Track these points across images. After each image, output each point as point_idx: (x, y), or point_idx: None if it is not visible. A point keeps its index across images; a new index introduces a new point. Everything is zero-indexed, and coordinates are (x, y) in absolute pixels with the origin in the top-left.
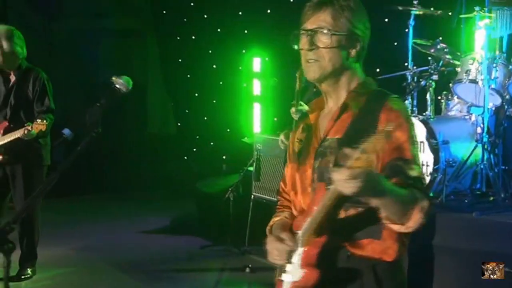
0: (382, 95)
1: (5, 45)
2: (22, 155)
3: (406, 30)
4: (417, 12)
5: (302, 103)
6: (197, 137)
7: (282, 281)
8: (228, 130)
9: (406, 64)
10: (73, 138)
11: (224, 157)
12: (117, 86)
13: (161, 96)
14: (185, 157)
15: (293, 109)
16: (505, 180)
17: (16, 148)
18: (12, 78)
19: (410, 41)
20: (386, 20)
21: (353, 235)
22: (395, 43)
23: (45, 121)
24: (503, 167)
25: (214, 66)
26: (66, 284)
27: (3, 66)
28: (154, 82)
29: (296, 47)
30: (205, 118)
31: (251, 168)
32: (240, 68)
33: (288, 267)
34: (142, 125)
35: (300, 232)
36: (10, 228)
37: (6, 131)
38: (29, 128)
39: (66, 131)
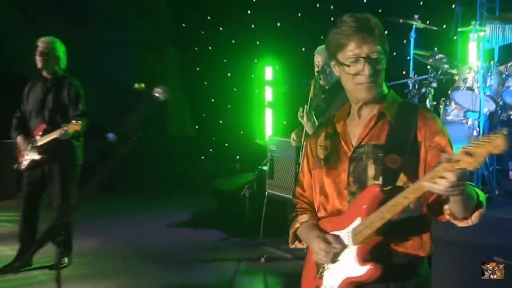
0: (414, 105)
1: (50, 53)
2: (58, 155)
3: (405, 41)
4: (418, 26)
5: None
6: (213, 138)
7: (321, 278)
8: (242, 132)
9: (404, 72)
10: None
11: (237, 157)
12: (156, 94)
13: (180, 102)
14: (202, 157)
15: (300, 113)
16: (499, 179)
17: (53, 148)
18: (49, 84)
19: (412, 51)
20: (386, 32)
21: (397, 232)
22: (394, 53)
23: (80, 122)
24: (497, 167)
25: (229, 74)
26: (99, 271)
27: (44, 70)
28: (173, 88)
29: (348, 70)
30: (220, 121)
31: (264, 168)
32: (252, 76)
33: (332, 266)
34: (162, 129)
35: (350, 231)
36: (60, 223)
37: (45, 133)
38: (66, 128)
39: (110, 135)
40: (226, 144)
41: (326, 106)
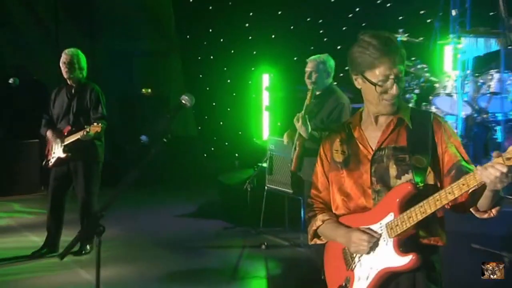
0: (424, 111)
1: (74, 64)
2: (82, 153)
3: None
4: (402, 39)
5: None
6: (214, 138)
7: (353, 270)
8: (240, 132)
9: None
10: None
11: (236, 155)
12: (183, 101)
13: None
14: (205, 155)
15: (296, 118)
16: None
17: (77, 147)
18: (74, 91)
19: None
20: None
21: (425, 224)
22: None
23: (100, 124)
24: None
25: (229, 81)
26: (118, 256)
27: (70, 79)
28: (176, 93)
29: (377, 89)
30: (221, 123)
31: (264, 165)
32: (249, 82)
33: (366, 257)
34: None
35: (384, 224)
36: (100, 214)
37: (69, 134)
38: (88, 130)
39: (143, 137)
40: (226, 143)
41: (317, 110)
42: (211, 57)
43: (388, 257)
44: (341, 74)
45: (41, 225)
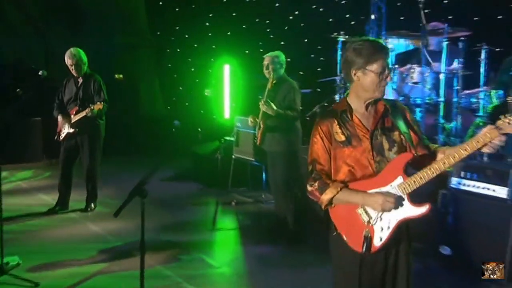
0: (391, 100)
1: (78, 62)
2: (87, 130)
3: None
4: (343, 39)
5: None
6: (181, 116)
7: (373, 224)
8: (202, 111)
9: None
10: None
11: (199, 129)
12: (206, 93)
13: (155, 89)
14: (173, 129)
15: (262, 102)
16: None
17: (84, 125)
18: (80, 80)
19: (339, 57)
20: (320, 46)
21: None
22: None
23: (102, 103)
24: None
25: (192, 69)
26: (113, 210)
27: (75, 73)
28: (149, 80)
29: (374, 77)
30: (186, 103)
31: (231, 138)
32: (210, 70)
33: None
34: (135, 109)
35: (396, 185)
36: (144, 182)
37: (76, 113)
38: (92, 107)
39: (176, 122)
40: (191, 120)
41: (274, 95)
42: (178, 50)
43: (406, 209)
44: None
45: (49, 187)
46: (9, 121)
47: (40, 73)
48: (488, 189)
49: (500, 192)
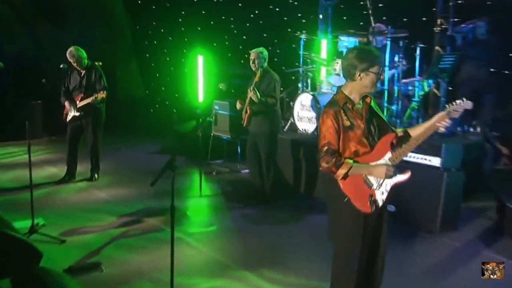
0: (369, 96)
1: (78, 58)
2: (91, 113)
3: (294, 46)
4: (303, 37)
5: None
6: (158, 99)
7: (376, 189)
8: (176, 95)
9: (297, 64)
10: None
11: (174, 110)
12: (220, 87)
13: (135, 75)
14: (151, 110)
15: (250, 89)
16: None
17: (88, 109)
18: (82, 72)
19: (302, 52)
20: (276, 40)
21: None
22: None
23: (105, 92)
24: None
25: (168, 59)
26: (119, 181)
27: (78, 67)
28: (130, 68)
29: (374, 76)
30: (163, 88)
31: (210, 119)
32: (183, 60)
33: (385, 180)
34: (113, 93)
35: (387, 158)
36: (174, 159)
37: (81, 100)
38: (96, 96)
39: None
40: (167, 102)
41: (259, 85)
42: (155, 42)
43: (396, 176)
44: (245, 58)
45: (55, 161)
46: (13, 104)
47: (61, 66)
48: (425, 159)
49: (435, 161)
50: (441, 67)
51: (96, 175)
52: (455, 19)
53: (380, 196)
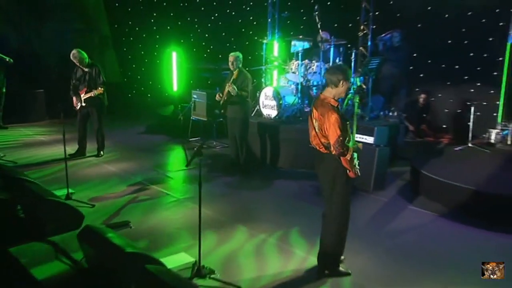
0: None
1: (80, 58)
2: (94, 103)
3: (247, 43)
4: (265, 41)
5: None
6: (135, 85)
7: (356, 162)
8: (150, 82)
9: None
10: None
11: (149, 95)
12: (230, 89)
13: (114, 65)
14: (129, 95)
15: (229, 84)
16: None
17: (91, 100)
18: (85, 69)
19: (264, 54)
20: (233, 38)
21: None
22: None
23: (102, 87)
24: (306, 107)
25: (142, 53)
26: (121, 157)
27: (81, 66)
28: (110, 59)
29: (348, 85)
30: (139, 77)
31: (188, 105)
32: (155, 53)
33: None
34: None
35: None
36: (202, 146)
37: (86, 93)
38: (95, 91)
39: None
40: (142, 88)
41: (235, 81)
42: (131, 38)
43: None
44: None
45: (66, 140)
46: (19, 92)
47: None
48: (364, 138)
49: (369, 140)
50: (369, 68)
51: (102, 152)
52: (373, 26)
53: (357, 166)
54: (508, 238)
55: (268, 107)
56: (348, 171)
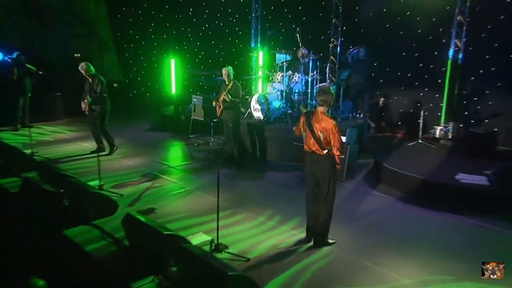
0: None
1: (86, 70)
2: (98, 108)
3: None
4: (255, 54)
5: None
6: (136, 86)
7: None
8: (149, 83)
9: (250, 71)
10: None
11: (148, 94)
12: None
13: (116, 68)
14: (130, 94)
15: (224, 93)
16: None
17: (95, 106)
18: (89, 78)
19: (255, 63)
20: (221, 46)
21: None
22: (223, 53)
23: (89, 98)
24: (290, 110)
25: (142, 57)
26: (132, 153)
27: (87, 76)
28: (112, 63)
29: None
30: (139, 78)
31: (189, 107)
32: (153, 58)
33: None
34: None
35: None
36: (222, 146)
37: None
38: (86, 100)
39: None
40: (142, 89)
41: (229, 91)
42: (132, 45)
43: None
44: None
45: (83, 137)
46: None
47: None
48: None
49: (343, 139)
50: (341, 78)
51: (114, 149)
52: (342, 39)
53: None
54: (448, 216)
55: (257, 110)
56: (337, 165)
